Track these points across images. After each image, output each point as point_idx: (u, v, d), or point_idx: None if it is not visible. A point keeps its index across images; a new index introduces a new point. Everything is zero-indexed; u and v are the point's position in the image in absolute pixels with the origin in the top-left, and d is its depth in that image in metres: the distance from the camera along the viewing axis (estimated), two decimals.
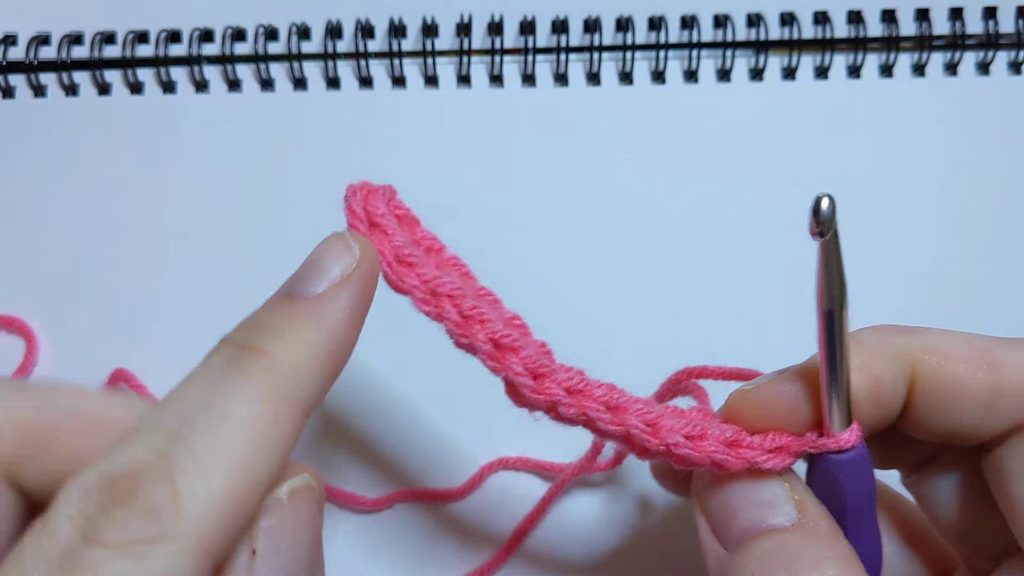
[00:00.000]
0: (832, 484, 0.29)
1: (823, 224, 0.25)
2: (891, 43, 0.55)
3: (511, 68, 0.55)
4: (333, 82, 0.55)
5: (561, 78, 0.55)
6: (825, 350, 0.27)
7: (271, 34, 0.56)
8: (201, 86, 0.56)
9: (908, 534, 0.33)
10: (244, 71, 0.56)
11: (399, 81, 0.55)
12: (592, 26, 0.55)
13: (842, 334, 0.26)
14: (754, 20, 0.55)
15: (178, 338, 0.52)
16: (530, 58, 0.55)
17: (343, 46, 0.56)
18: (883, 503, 0.34)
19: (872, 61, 0.55)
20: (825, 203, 0.25)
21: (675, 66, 0.55)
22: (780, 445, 0.29)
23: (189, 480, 0.23)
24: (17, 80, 0.56)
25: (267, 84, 0.56)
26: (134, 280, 0.53)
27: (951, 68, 0.55)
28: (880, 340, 0.30)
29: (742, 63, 0.55)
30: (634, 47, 0.55)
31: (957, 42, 0.55)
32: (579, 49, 0.55)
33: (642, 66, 0.55)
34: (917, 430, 0.30)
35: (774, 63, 0.55)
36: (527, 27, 0.55)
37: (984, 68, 0.55)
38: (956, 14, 0.55)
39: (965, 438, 0.29)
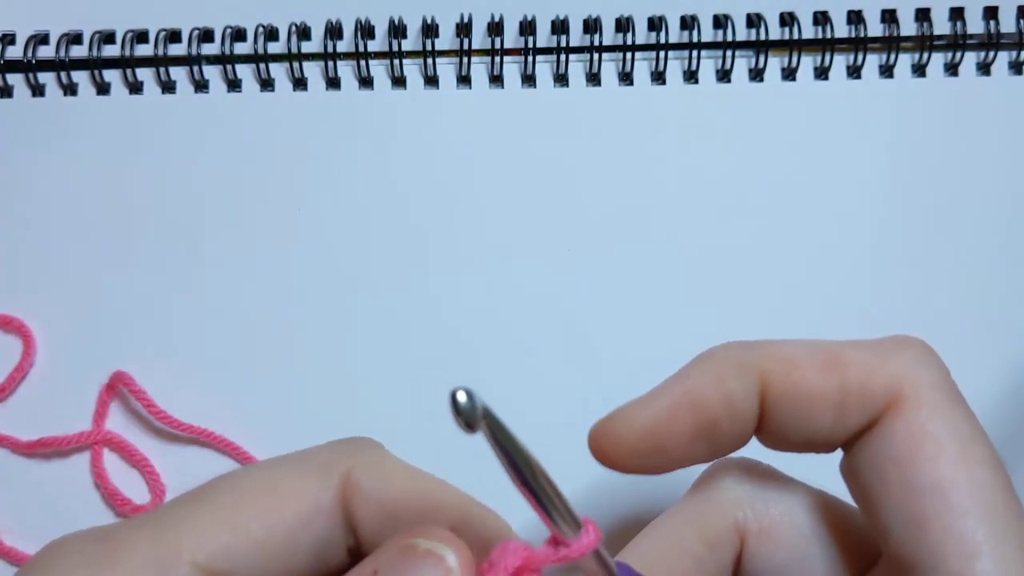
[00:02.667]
0: None
1: (469, 418, 0.24)
2: (891, 43, 0.55)
3: (511, 68, 0.55)
4: (333, 82, 0.55)
5: (561, 78, 0.55)
6: (549, 525, 0.27)
7: (271, 34, 0.56)
8: (201, 86, 0.56)
9: (832, 526, 0.33)
10: (244, 71, 0.56)
11: (399, 81, 0.55)
12: (592, 26, 0.55)
13: (544, 487, 0.26)
14: (754, 20, 0.55)
15: (178, 338, 0.52)
16: (530, 58, 0.55)
17: (343, 46, 0.56)
18: (807, 494, 0.33)
19: (872, 61, 0.55)
20: (462, 396, 0.23)
21: (675, 66, 0.55)
22: (518, 567, 0.27)
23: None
24: (15, 79, 0.56)
25: (267, 84, 0.56)
26: (133, 280, 0.52)
27: (951, 68, 0.55)
28: (729, 354, 0.30)
29: (742, 63, 0.55)
30: (634, 47, 0.55)
31: (958, 42, 0.55)
32: (579, 49, 0.55)
33: (642, 66, 0.55)
34: (775, 441, 0.30)
35: (774, 63, 0.55)
36: (527, 27, 0.55)
37: (985, 68, 0.55)
38: (956, 14, 0.55)
39: (822, 444, 0.29)
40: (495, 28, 0.56)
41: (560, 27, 0.55)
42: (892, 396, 0.28)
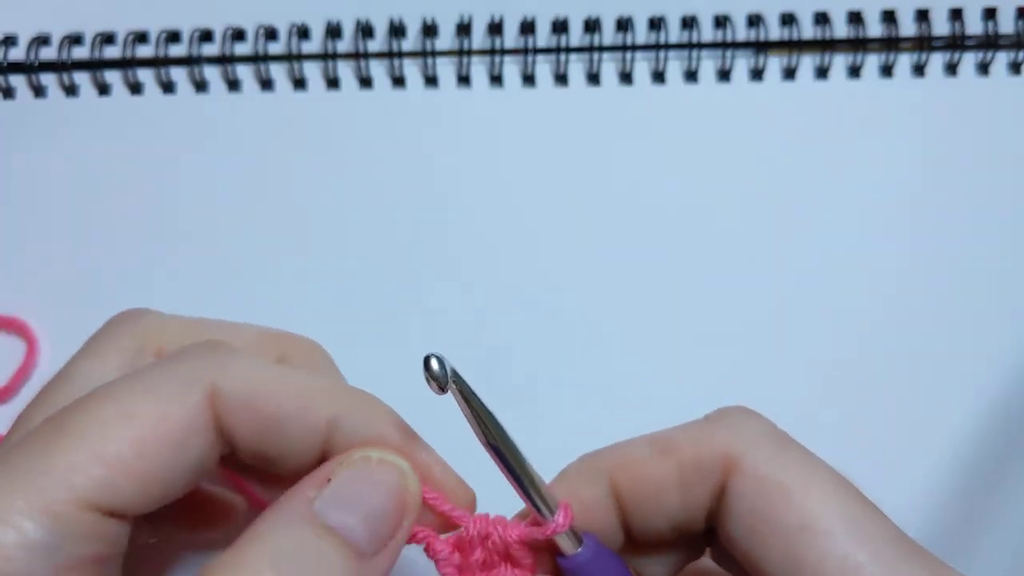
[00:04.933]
0: None
1: (440, 380, 0.27)
2: (891, 43, 0.55)
3: (511, 68, 0.55)
4: (333, 82, 0.55)
5: (561, 78, 0.55)
6: (512, 480, 0.29)
7: (271, 34, 0.56)
8: (201, 86, 0.56)
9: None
10: (244, 71, 0.56)
11: (399, 81, 0.55)
12: (592, 26, 0.55)
13: (517, 460, 0.29)
14: (754, 20, 0.55)
15: None
16: (530, 58, 0.55)
17: (343, 46, 0.56)
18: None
19: (872, 61, 0.55)
20: (435, 363, 0.28)
21: (675, 66, 0.55)
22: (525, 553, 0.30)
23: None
24: (17, 81, 0.56)
25: (267, 84, 0.56)
26: (134, 280, 0.53)
27: (951, 69, 0.55)
28: (580, 467, 0.32)
29: (742, 63, 0.55)
30: (634, 47, 0.55)
31: (957, 43, 0.55)
32: (579, 49, 0.55)
33: (642, 66, 0.55)
34: (646, 537, 0.31)
35: (774, 63, 0.55)
36: (527, 27, 0.55)
37: (984, 69, 0.55)
38: (956, 15, 0.55)
39: (686, 526, 0.31)
40: (495, 28, 0.56)
41: (560, 27, 0.55)
42: (726, 461, 0.29)
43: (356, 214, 0.53)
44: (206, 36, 0.56)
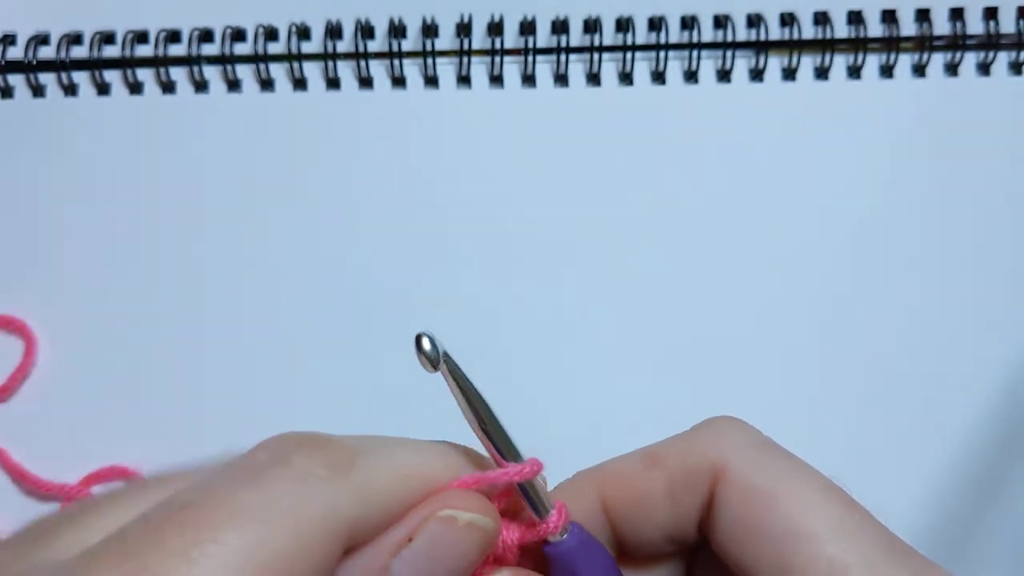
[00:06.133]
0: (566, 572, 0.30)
1: (429, 357, 0.27)
2: (891, 43, 0.55)
3: (511, 68, 0.55)
4: (333, 82, 0.55)
5: (561, 79, 0.55)
6: (496, 455, 0.29)
7: (271, 34, 0.56)
8: (201, 86, 0.56)
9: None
10: (244, 71, 0.56)
11: (399, 81, 0.55)
12: (592, 26, 0.55)
13: (505, 441, 0.28)
14: (754, 20, 0.55)
15: (178, 339, 0.52)
16: (530, 58, 0.55)
17: (343, 46, 0.56)
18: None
19: (872, 61, 0.55)
20: (426, 342, 0.27)
21: (675, 66, 0.55)
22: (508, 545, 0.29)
23: (367, 459, 0.26)
24: (16, 80, 0.56)
25: (267, 84, 0.56)
26: (134, 280, 0.53)
27: (951, 69, 0.55)
28: (571, 483, 0.32)
29: (742, 63, 0.55)
30: (634, 47, 0.55)
31: (958, 43, 0.55)
32: (579, 49, 0.55)
33: (642, 66, 0.55)
34: (637, 548, 0.32)
35: (774, 63, 0.55)
36: (527, 27, 0.55)
37: (985, 69, 0.55)
38: (956, 14, 0.55)
39: (678, 537, 0.31)
40: (495, 28, 0.56)
41: (560, 27, 0.55)
42: (713, 470, 0.29)
43: (356, 214, 0.53)
44: (206, 36, 0.56)
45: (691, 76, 0.55)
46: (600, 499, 0.31)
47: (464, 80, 0.55)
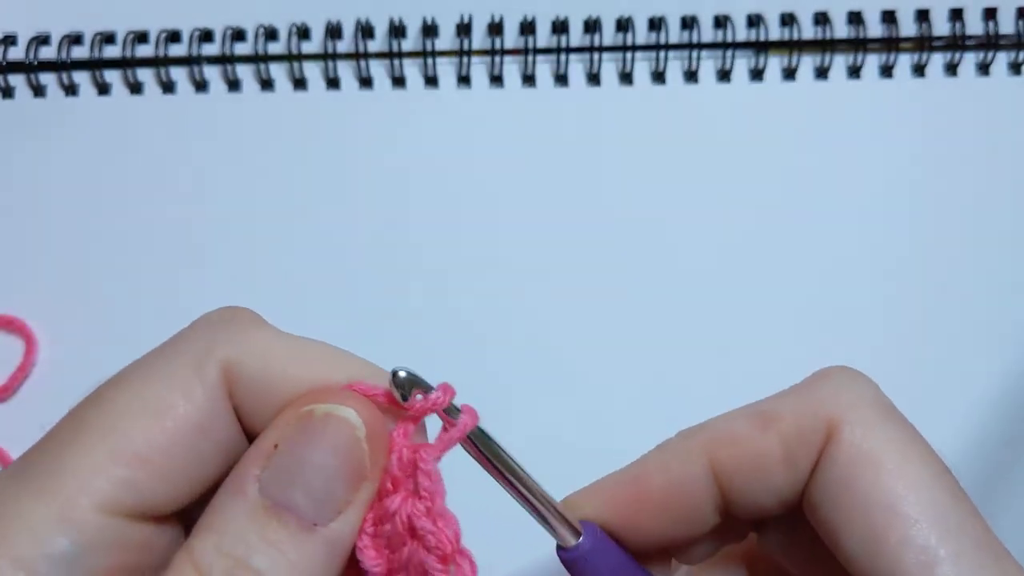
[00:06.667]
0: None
1: (401, 388, 0.25)
2: (891, 44, 0.55)
3: (511, 68, 0.55)
4: (333, 82, 0.55)
5: (561, 78, 0.55)
6: (503, 481, 0.27)
7: (271, 34, 0.56)
8: (201, 86, 0.56)
9: None
10: (244, 71, 0.56)
11: (399, 81, 0.55)
12: (592, 26, 0.55)
13: (499, 455, 0.27)
14: (754, 20, 0.55)
15: None
16: (530, 58, 0.55)
17: (343, 46, 0.56)
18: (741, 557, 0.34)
19: (872, 62, 0.55)
20: (402, 374, 0.25)
21: (675, 66, 0.55)
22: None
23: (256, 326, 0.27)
24: (17, 80, 0.56)
25: (267, 84, 0.56)
26: (134, 280, 0.53)
27: (951, 69, 0.55)
28: (675, 444, 0.31)
29: (742, 63, 0.55)
30: (634, 47, 0.55)
31: (957, 43, 0.55)
32: (579, 49, 0.55)
33: (642, 66, 0.55)
34: (749, 511, 0.30)
35: (774, 63, 0.55)
36: (527, 27, 0.55)
37: (984, 69, 0.55)
38: (956, 15, 0.55)
39: (791, 497, 0.30)
40: (495, 28, 0.56)
41: (560, 27, 0.55)
42: (828, 427, 0.28)
43: (356, 214, 0.53)
44: (206, 36, 0.56)
45: (691, 76, 0.55)
46: (709, 462, 0.29)
47: (464, 80, 0.55)
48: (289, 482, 0.24)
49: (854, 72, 0.55)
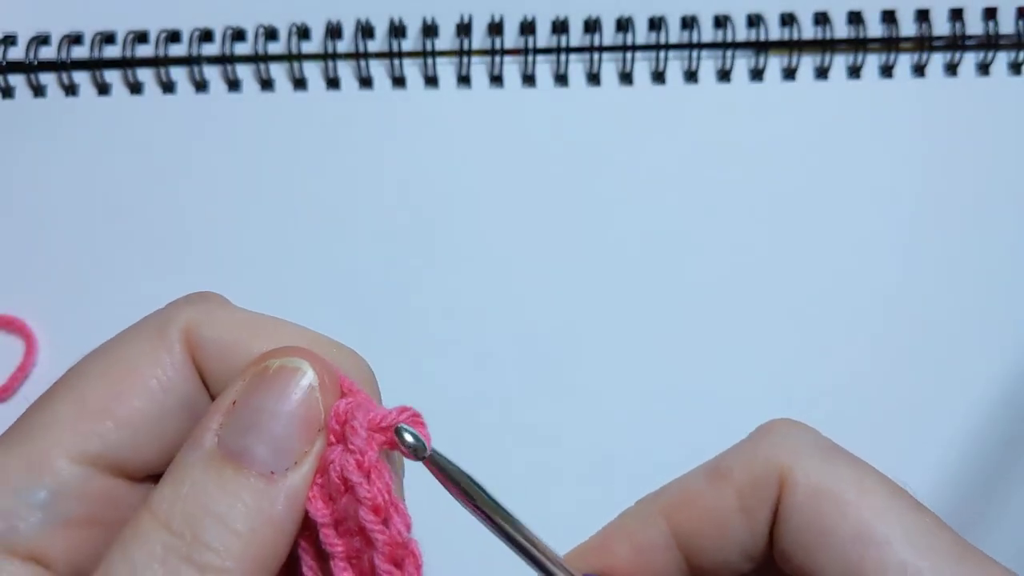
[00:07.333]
0: None
1: (416, 450, 0.25)
2: (891, 44, 0.55)
3: (511, 68, 0.55)
4: (333, 82, 0.55)
5: (561, 78, 0.55)
6: (518, 552, 0.27)
7: (271, 34, 0.56)
8: (201, 86, 0.56)
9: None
10: (244, 71, 0.56)
11: (399, 81, 0.55)
12: (592, 26, 0.55)
13: (517, 528, 0.27)
14: (754, 21, 0.55)
15: None
16: (530, 58, 0.55)
17: (343, 46, 0.56)
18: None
19: (872, 61, 0.55)
20: (408, 437, 0.25)
21: (675, 66, 0.55)
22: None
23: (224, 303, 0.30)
24: (17, 80, 0.56)
25: (267, 84, 0.56)
26: (134, 280, 0.53)
27: (951, 69, 0.55)
28: (635, 511, 0.31)
29: (742, 63, 0.55)
30: (634, 47, 0.55)
31: (957, 43, 0.55)
32: (579, 49, 0.55)
33: (642, 66, 0.55)
34: (716, 570, 0.30)
35: (774, 63, 0.55)
36: (527, 27, 0.55)
37: (984, 69, 0.55)
38: (956, 15, 0.55)
39: (757, 552, 0.30)
40: (495, 28, 0.56)
41: (560, 27, 0.55)
42: (780, 476, 0.29)
43: (356, 213, 0.53)
44: (206, 36, 0.56)
45: (691, 76, 0.55)
46: (669, 526, 0.30)
47: (464, 80, 0.55)
48: (246, 433, 0.25)
49: (854, 72, 0.55)
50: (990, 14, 0.55)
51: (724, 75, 0.55)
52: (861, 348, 0.51)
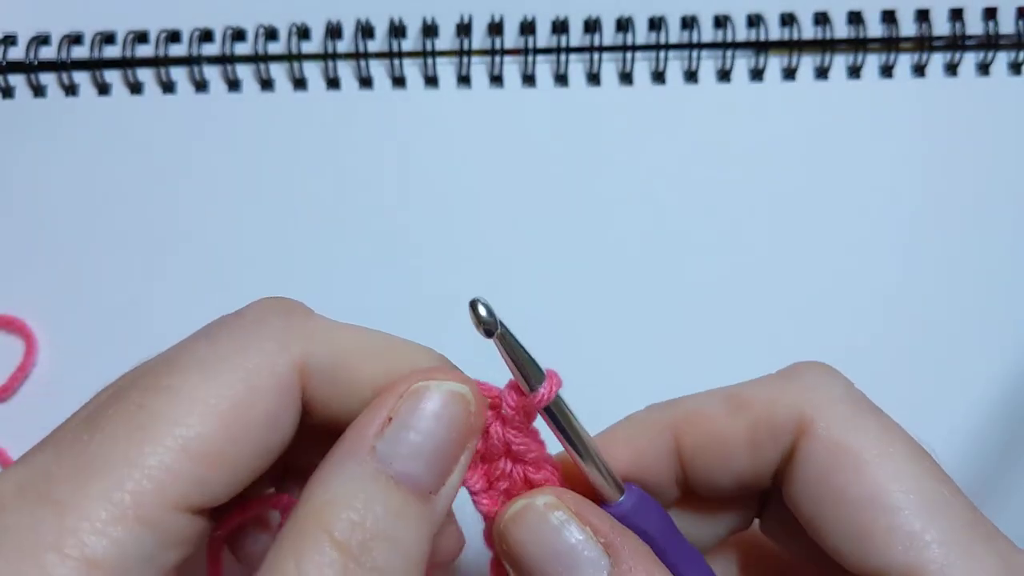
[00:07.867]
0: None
1: (488, 324, 0.27)
2: (891, 44, 0.55)
3: (511, 68, 0.55)
4: (333, 82, 0.55)
5: (561, 78, 0.55)
6: (561, 437, 0.28)
7: (271, 34, 0.56)
8: (201, 86, 0.56)
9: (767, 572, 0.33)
10: (244, 71, 0.56)
11: (399, 81, 0.55)
12: (592, 26, 0.55)
13: (565, 415, 0.28)
14: (754, 20, 0.55)
15: (178, 338, 0.52)
16: (530, 58, 0.55)
17: (343, 46, 0.56)
18: (737, 547, 0.34)
19: (872, 62, 0.55)
20: (482, 309, 0.27)
21: (675, 66, 0.55)
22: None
23: (327, 321, 0.29)
24: (17, 80, 0.56)
25: (267, 84, 0.56)
26: (134, 280, 0.53)
27: (951, 69, 0.55)
28: (644, 417, 0.31)
29: (742, 63, 0.55)
30: (634, 47, 0.55)
31: (957, 43, 0.55)
32: (579, 49, 0.55)
33: (642, 66, 0.55)
34: (705, 489, 0.31)
35: (774, 63, 0.55)
36: (527, 27, 0.55)
37: (984, 69, 0.55)
38: (956, 15, 0.55)
39: (749, 483, 0.30)
40: (495, 28, 0.56)
41: (560, 27, 0.55)
42: (799, 422, 0.28)
43: (356, 213, 0.53)
44: (206, 36, 0.56)
45: (691, 76, 0.55)
46: (674, 437, 0.30)
47: (464, 80, 0.55)
48: (407, 453, 0.25)
49: (854, 72, 0.55)
50: (990, 14, 0.55)
51: (724, 75, 0.55)
52: (861, 348, 0.51)
